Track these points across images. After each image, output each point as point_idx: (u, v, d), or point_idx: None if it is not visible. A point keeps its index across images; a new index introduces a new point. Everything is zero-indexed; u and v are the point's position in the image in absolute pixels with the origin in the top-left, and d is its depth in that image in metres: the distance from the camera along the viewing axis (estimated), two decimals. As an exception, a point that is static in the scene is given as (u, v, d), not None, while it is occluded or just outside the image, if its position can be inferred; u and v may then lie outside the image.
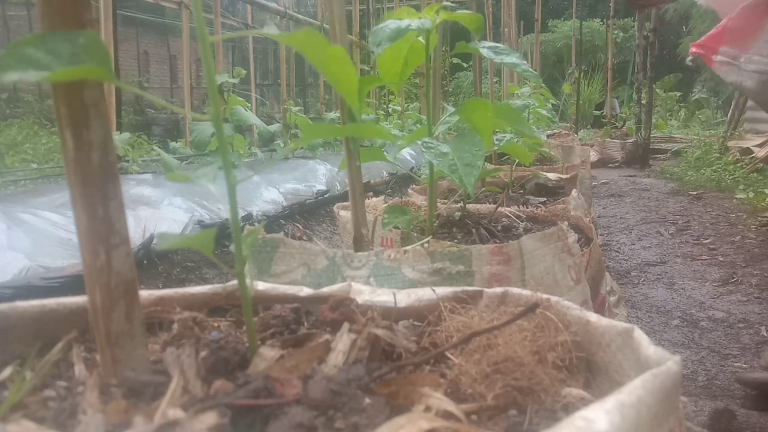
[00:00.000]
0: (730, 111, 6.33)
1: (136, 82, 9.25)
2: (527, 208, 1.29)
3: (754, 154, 5.12)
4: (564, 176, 1.81)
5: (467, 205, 1.19)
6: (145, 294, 0.51)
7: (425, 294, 0.54)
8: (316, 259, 0.83)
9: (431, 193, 1.01)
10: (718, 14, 1.27)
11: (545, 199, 1.67)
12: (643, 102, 6.45)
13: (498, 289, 0.54)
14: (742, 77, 1.22)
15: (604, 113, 7.63)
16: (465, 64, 10.52)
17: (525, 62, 0.92)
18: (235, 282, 0.55)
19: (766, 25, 1.15)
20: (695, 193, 4.52)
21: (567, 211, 1.26)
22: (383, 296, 0.55)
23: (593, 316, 0.47)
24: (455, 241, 1.02)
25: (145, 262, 1.79)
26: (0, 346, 0.47)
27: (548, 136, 3.45)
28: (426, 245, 0.83)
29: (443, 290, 0.54)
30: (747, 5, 1.18)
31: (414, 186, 1.51)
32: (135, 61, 9.98)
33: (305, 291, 0.56)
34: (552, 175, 1.81)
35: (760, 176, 4.68)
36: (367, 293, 0.55)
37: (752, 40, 1.17)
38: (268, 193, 2.68)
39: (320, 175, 3.27)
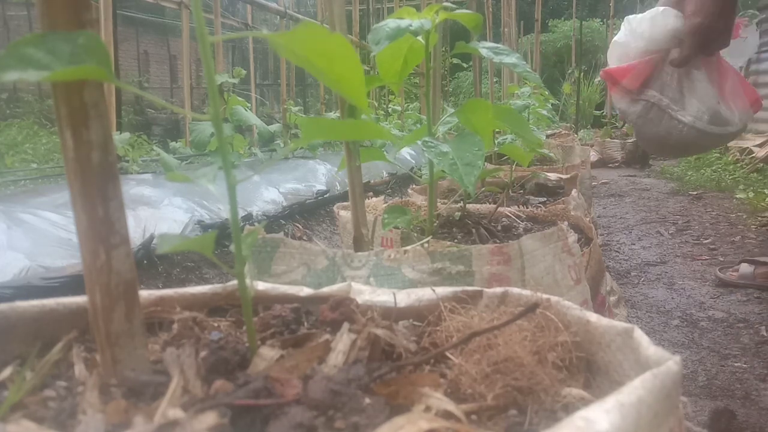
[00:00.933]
0: (730, 111, 6.32)
1: (136, 82, 9.25)
2: (527, 208, 1.29)
3: (754, 154, 5.13)
4: (564, 176, 1.81)
5: (467, 205, 1.19)
6: (145, 294, 0.51)
7: (425, 294, 0.54)
8: (316, 259, 0.83)
9: (431, 193, 1.01)
10: (608, 61, 1.48)
11: (545, 199, 1.67)
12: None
13: (498, 289, 0.54)
14: (632, 108, 1.40)
15: (604, 113, 7.62)
16: (465, 64, 10.51)
17: (524, 62, 0.92)
18: (235, 282, 0.55)
19: (654, 72, 1.35)
20: (695, 193, 4.52)
21: (567, 211, 1.26)
22: (383, 296, 0.55)
23: (593, 316, 0.47)
24: (455, 241, 1.02)
25: (145, 262, 1.79)
26: (0, 346, 0.47)
27: (548, 136, 3.45)
28: (426, 245, 0.83)
29: (443, 290, 0.54)
30: (644, 60, 1.37)
31: (414, 186, 1.51)
32: (135, 61, 9.99)
33: (305, 291, 0.56)
34: (552, 175, 1.81)
35: (760, 176, 4.68)
36: (367, 293, 0.55)
37: (643, 84, 1.37)
38: (268, 193, 2.68)
39: (320, 175, 3.27)
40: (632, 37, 1.37)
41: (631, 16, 1.39)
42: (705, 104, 1.34)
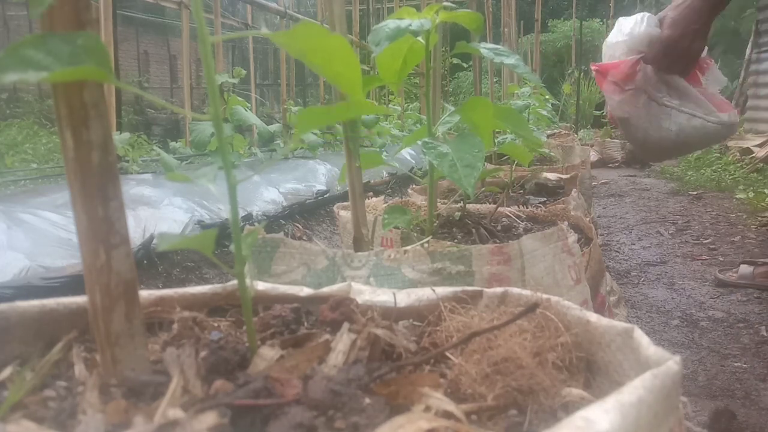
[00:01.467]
0: (730, 111, 6.32)
1: (136, 82, 9.25)
2: (527, 208, 1.29)
3: (754, 154, 5.12)
4: (564, 176, 1.81)
5: (467, 205, 1.19)
6: (145, 294, 0.51)
7: (425, 294, 0.54)
8: (316, 259, 0.83)
9: (431, 193, 1.01)
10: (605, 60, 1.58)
11: (545, 199, 1.67)
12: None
13: (498, 289, 0.54)
14: (622, 97, 1.51)
15: (604, 113, 7.61)
16: (465, 64, 10.51)
17: (524, 63, 0.92)
18: (235, 282, 0.55)
19: (639, 70, 1.47)
20: (695, 193, 4.52)
21: (567, 211, 1.26)
22: (383, 296, 0.55)
23: (593, 316, 0.47)
24: (455, 241, 1.02)
25: (145, 262, 1.79)
26: (0, 346, 0.47)
27: (548, 136, 3.45)
28: (426, 245, 0.83)
29: (443, 290, 0.54)
30: (629, 58, 1.49)
31: (414, 186, 1.51)
32: (135, 61, 9.99)
33: (305, 291, 0.56)
34: (552, 175, 1.81)
35: (760, 176, 4.68)
36: (367, 293, 0.55)
37: (629, 77, 1.49)
38: (268, 193, 2.68)
39: (320, 175, 3.27)
40: (620, 35, 1.49)
41: (622, 18, 1.51)
42: (687, 100, 1.47)
